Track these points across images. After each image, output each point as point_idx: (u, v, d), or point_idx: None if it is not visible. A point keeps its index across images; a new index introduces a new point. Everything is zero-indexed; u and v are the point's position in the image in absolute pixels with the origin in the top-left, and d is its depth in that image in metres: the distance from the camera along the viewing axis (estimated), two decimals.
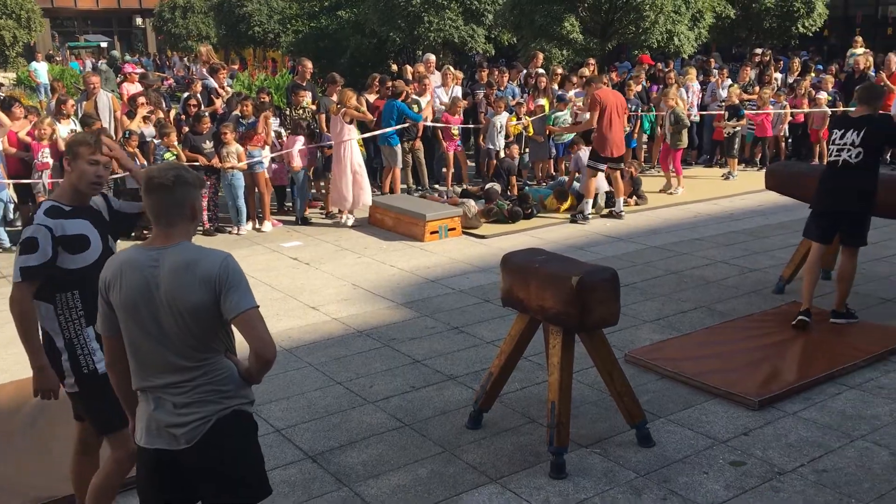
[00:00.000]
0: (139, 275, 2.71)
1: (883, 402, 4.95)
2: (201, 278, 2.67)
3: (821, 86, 13.83)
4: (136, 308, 2.72)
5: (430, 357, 5.84)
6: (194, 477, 2.82)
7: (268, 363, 2.73)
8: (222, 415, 2.77)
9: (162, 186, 2.73)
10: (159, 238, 2.77)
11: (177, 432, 2.74)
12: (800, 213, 9.25)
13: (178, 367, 2.74)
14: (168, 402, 2.76)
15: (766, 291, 7.07)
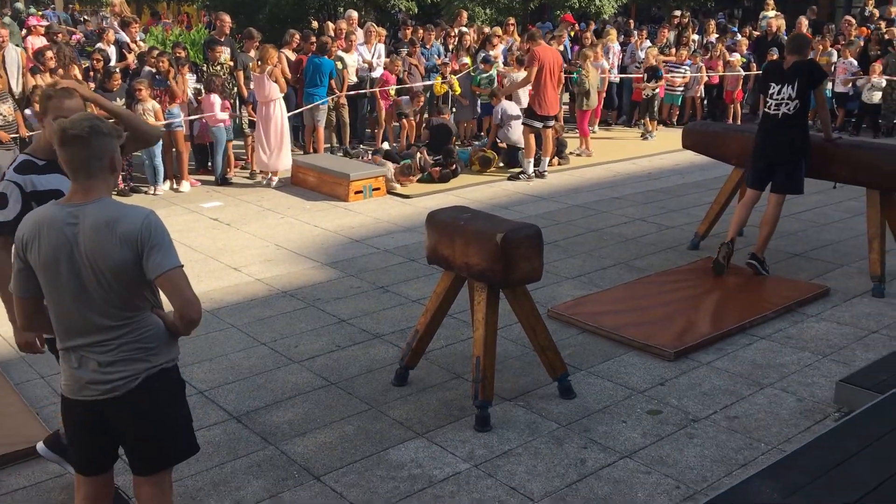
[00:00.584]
0: (58, 233, 2.61)
1: (791, 351, 5.19)
2: (122, 237, 2.59)
3: (735, 48, 14.20)
4: (56, 268, 2.63)
5: (355, 316, 5.84)
6: (119, 431, 2.79)
7: (192, 322, 2.69)
8: (150, 373, 2.73)
9: (77, 138, 2.61)
10: (78, 193, 2.66)
11: (100, 388, 2.70)
12: (715, 172, 9.57)
13: (102, 327, 2.67)
14: (92, 361, 2.70)
15: (681, 248, 7.29)
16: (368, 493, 3.74)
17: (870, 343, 5.28)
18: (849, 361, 5.01)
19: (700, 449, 4.08)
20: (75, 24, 25.85)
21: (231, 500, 3.70)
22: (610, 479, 3.84)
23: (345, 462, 3.99)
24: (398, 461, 4.00)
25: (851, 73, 12.97)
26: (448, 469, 3.93)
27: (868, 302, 5.98)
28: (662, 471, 3.89)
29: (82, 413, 2.78)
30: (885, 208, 6.21)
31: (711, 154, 7.46)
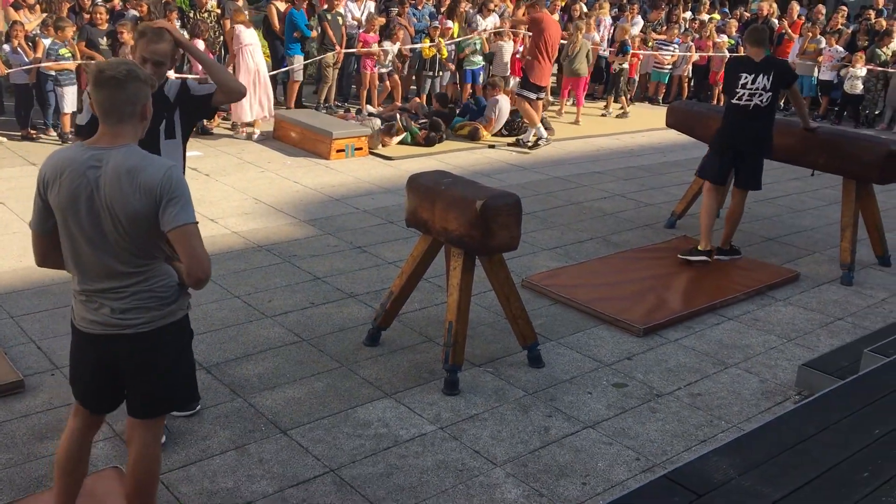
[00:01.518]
0: (80, 175, 2.60)
1: (757, 333, 5.29)
2: (143, 186, 2.57)
3: (724, 29, 14.20)
4: (75, 210, 2.62)
5: (330, 275, 5.85)
6: (126, 373, 2.79)
7: (199, 281, 2.67)
8: (162, 323, 2.74)
9: (113, 79, 2.59)
10: (106, 137, 2.65)
11: (112, 330, 2.71)
12: (695, 153, 9.60)
13: (118, 273, 2.67)
14: (106, 307, 2.70)
15: (658, 226, 7.35)
16: (334, 448, 3.79)
17: (835, 330, 5.39)
18: (813, 346, 5.11)
19: (662, 423, 4.16)
20: None
21: (197, 449, 3.72)
22: (572, 447, 3.91)
23: (312, 418, 4.02)
24: (365, 420, 4.05)
25: (837, 61, 13.02)
26: (414, 430, 3.98)
27: (836, 289, 6.09)
28: (624, 442, 3.97)
29: (93, 350, 2.79)
30: (860, 198, 6.29)
31: (693, 134, 7.50)
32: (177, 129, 3.69)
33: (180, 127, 3.72)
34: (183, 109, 3.71)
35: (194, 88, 3.76)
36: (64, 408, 3.97)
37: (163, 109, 3.61)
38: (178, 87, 3.72)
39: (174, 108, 3.68)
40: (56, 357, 4.44)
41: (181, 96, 3.71)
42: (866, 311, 5.70)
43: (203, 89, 3.75)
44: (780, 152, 6.68)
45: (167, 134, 3.65)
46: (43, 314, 4.96)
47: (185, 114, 3.73)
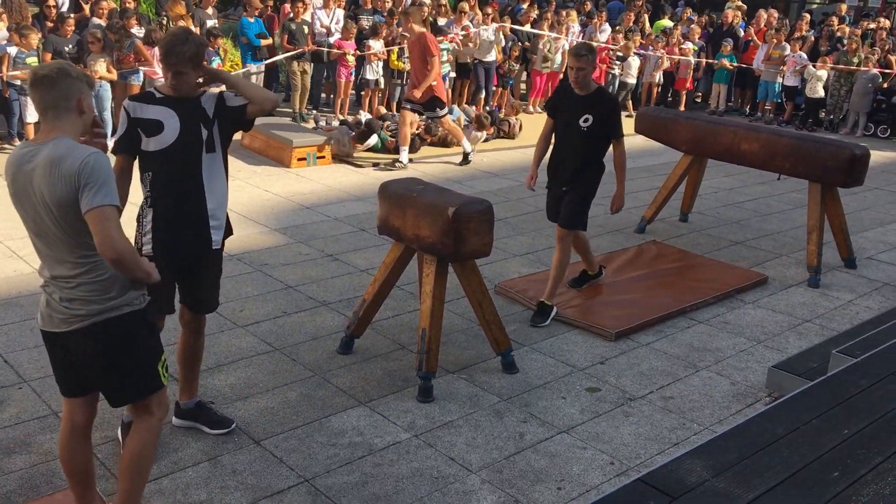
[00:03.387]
0: (19, 171, 2.74)
1: (727, 336, 5.35)
2: (64, 174, 2.67)
3: (688, 36, 14.38)
4: (22, 204, 2.78)
5: (302, 283, 5.82)
6: (81, 365, 2.90)
7: (112, 262, 2.72)
8: (108, 316, 2.81)
9: (46, 78, 2.73)
10: (43, 132, 2.79)
11: (60, 318, 2.82)
12: (665, 158, 9.71)
13: (63, 262, 2.79)
14: (57, 294, 2.82)
15: (628, 230, 7.42)
16: (308, 458, 3.76)
17: (803, 331, 5.46)
18: (782, 348, 5.18)
19: (635, 427, 4.19)
20: None
21: (169, 461, 3.68)
22: (547, 452, 3.92)
23: (286, 427, 4.00)
24: (339, 429, 4.03)
25: (800, 66, 13.24)
26: (389, 438, 3.97)
27: (803, 292, 6.18)
28: (598, 447, 3.99)
29: (51, 343, 2.93)
30: (826, 202, 6.40)
31: (662, 140, 7.58)
32: (216, 142, 3.62)
33: (219, 140, 3.64)
34: (221, 122, 3.64)
35: (229, 99, 3.68)
36: (32, 422, 3.91)
37: (202, 123, 3.58)
38: (214, 100, 3.65)
39: (213, 122, 3.61)
40: (23, 370, 4.37)
41: (219, 109, 3.64)
42: (833, 313, 5.79)
43: (237, 100, 3.69)
44: (746, 157, 6.79)
45: (207, 147, 3.59)
46: (10, 327, 4.87)
47: (224, 126, 3.66)
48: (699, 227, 7.68)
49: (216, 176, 3.65)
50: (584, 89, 5.20)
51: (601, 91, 5.38)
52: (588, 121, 5.17)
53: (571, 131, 5.24)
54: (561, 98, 5.46)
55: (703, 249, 6.99)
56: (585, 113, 5.17)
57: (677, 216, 7.80)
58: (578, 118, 5.19)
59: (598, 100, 5.24)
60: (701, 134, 7.08)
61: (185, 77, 3.53)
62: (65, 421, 3.08)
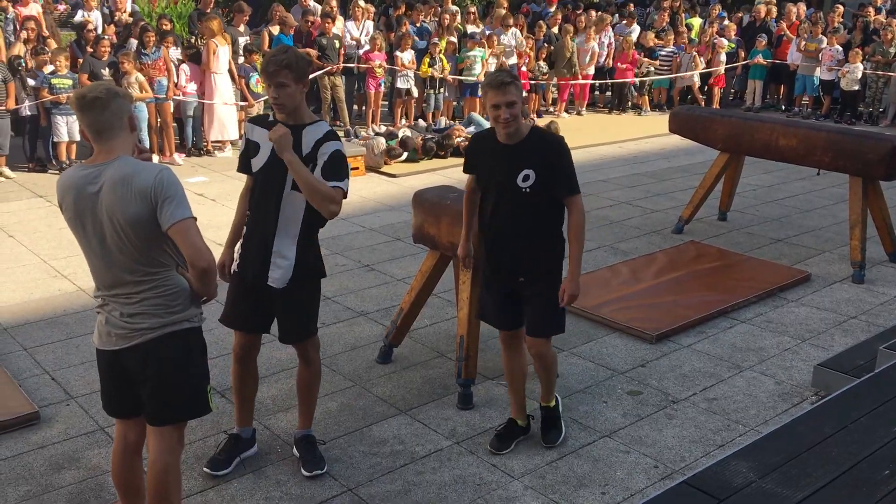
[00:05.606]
0: (80, 193, 2.76)
1: (770, 335, 5.26)
2: (137, 191, 2.71)
3: (724, 33, 14.23)
4: (82, 227, 2.80)
5: (340, 294, 5.85)
6: (136, 381, 2.92)
7: (203, 271, 2.78)
8: (169, 330, 2.85)
9: (97, 100, 2.76)
10: (101, 154, 2.81)
11: (120, 333, 2.85)
12: (700, 157, 9.63)
13: (126, 282, 2.82)
14: (117, 311, 2.85)
15: (665, 231, 7.34)
16: (350, 468, 3.77)
17: (848, 328, 5.36)
18: (827, 346, 5.08)
19: (679, 430, 4.14)
20: None
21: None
22: (590, 457, 3.89)
23: (327, 438, 4.01)
24: (381, 437, 4.04)
25: (836, 61, 13.02)
26: (430, 446, 3.97)
27: (848, 288, 6.06)
28: (641, 450, 3.95)
29: (107, 362, 2.95)
30: (867, 196, 6.27)
31: (698, 139, 7.49)
32: None
33: None
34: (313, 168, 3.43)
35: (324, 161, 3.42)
36: (80, 437, 3.98)
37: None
38: (314, 141, 3.44)
39: (306, 162, 3.41)
40: (70, 387, 4.45)
41: (313, 155, 3.43)
42: (879, 309, 5.67)
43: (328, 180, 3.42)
44: (784, 153, 6.69)
45: (293, 184, 3.42)
46: (56, 345, 4.97)
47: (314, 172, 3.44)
48: (739, 225, 7.58)
49: (293, 217, 3.48)
50: (516, 136, 3.61)
51: (539, 133, 3.72)
52: (529, 179, 3.58)
53: (509, 197, 3.63)
54: (482, 152, 3.76)
55: (744, 248, 6.89)
56: (524, 168, 3.60)
57: (716, 215, 7.70)
58: (515, 177, 3.60)
59: (539, 146, 3.63)
60: (737, 131, 6.99)
61: (287, 90, 3.35)
62: (117, 441, 3.12)
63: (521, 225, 3.67)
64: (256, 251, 3.56)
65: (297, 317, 3.68)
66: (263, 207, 3.53)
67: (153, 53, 9.51)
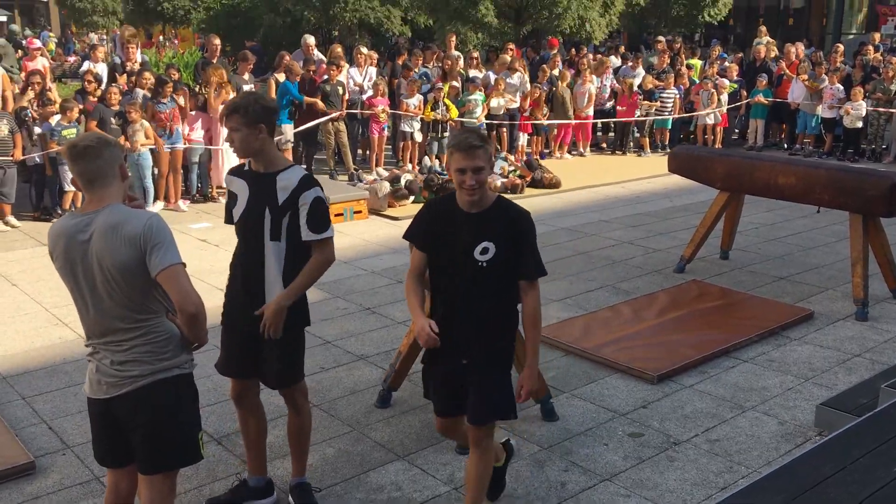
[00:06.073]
0: (71, 242, 2.78)
1: (773, 374, 5.21)
2: (127, 237, 2.74)
3: (726, 74, 14.35)
4: (73, 275, 2.81)
5: (340, 338, 5.84)
6: (127, 429, 2.91)
7: (192, 316, 2.79)
8: (159, 377, 2.85)
9: (89, 149, 2.79)
10: (92, 202, 2.84)
11: (111, 381, 2.84)
12: (702, 196, 9.63)
13: (116, 329, 2.83)
14: (108, 359, 2.85)
15: (667, 271, 7.32)
16: None
17: (852, 367, 5.30)
18: (831, 385, 5.02)
19: (680, 472, 4.08)
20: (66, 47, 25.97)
21: None
22: (590, 501, 3.83)
23: (324, 484, 3.97)
24: (378, 484, 3.99)
25: (837, 100, 13.09)
26: (428, 492, 3.92)
27: (851, 325, 6.01)
28: (642, 494, 3.89)
29: (99, 411, 2.94)
30: (868, 232, 6.25)
31: (698, 178, 7.51)
32: (282, 232, 3.43)
33: (286, 232, 3.43)
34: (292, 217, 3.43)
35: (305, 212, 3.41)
36: (75, 487, 3.95)
37: (268, 207, 3.40)
38: (290, 189, 3.41)
39: (282, 210, 3.40)
40: (67, 436, 4.43)
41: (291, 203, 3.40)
42: (883, 346, 5.62)
43: (309, 232, 3.44)
44: (784, 192, 6.69)
45: (272, 234, 3.42)
46: (55, 393, 4.96)
47: (294, 223, 3.44)
48: (741, 264, 7.55)
49: (274, 266, 3.45)
50: (479, 204, 3.27)
51: (505, 204, 3.36)
52: (488, 252, 3.24)
53: (463, 270, 3.29)
54: (439, 218, 3.38)
55: (746, 287, 6.86)
56: (483, 240, 3.25)
57: (718, 254, 7.69)
58: (472, 249, 3.25)
59: (502, 218, 3.30)
60: (736, 170, 7.01)
61: (238, 133, 3.35)
62: (109, 490, 3.11)
63: (474, 302, 3.29)
64: (243, 299, 3.58)
65: (283, 363, 3.63)
66: (246, 257, 3.55)
67: (169, 102, 9.66)
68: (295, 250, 3.47)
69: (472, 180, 3.18)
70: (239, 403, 3.79)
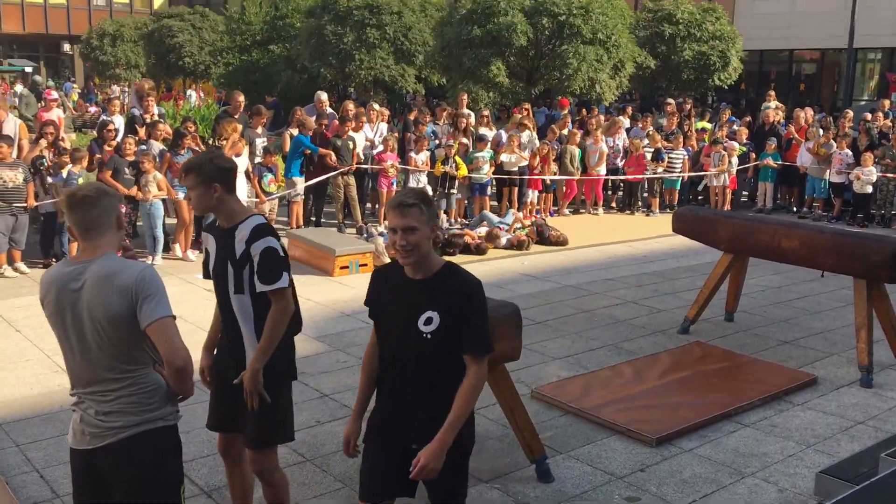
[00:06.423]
0: (62, 290, 2.79)
1: (774, 440, 5.13)
2: (119, 288, 2.74)
3: (735, 137, 14.46)
4: (62, 323, 2.82)
5: (338, 391, 5.81)
6: (107, 482, 2.87)
7: (179, 370, 2.78)
8: (143, 429, 2.83)
9: (86, 199, 2.81)
10: (87, 251, 2.85)
11: (94, 432, 2.82)
12: (709, 257, 9.61)
13: (103, 379, 2.82)
14: (92, 409, 2.84)
15: (671, 331, 7.27)
16: None
17: (855, 434, 5.22)
18: (833, 452, 4.94)
19: None
20: (88, 98, 26.51)
21: None
22: None
23: None
24: None
25: (846, 165, 13.14)
26: None
27: (855, 392, 5.93)
28: None
29: (81, 462, 2.91)
30: (872, 298, 6.21)
31: (701, 239, 7.51)
32: (244, 285, 3.43)
33: (248, 285, 3.42)
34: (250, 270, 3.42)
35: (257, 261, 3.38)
36: None
37: (229, 260, 3.42)
38: (244, 242, 3.39)
39: (241, 263, 3.40)
40: (58, 485, 4.40)
41: (247, 256, 3.39)
42: (888, 414, 5.53)
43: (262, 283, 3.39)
44: (787, 255, 6.68)
45: (235, 287, 3.43)
46: (48, 441, 4.95)
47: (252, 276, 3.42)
48: (745, 326, 7.50)
49: (244, 319, 3.47)
50: (422, 269, 3.03)
51: (453, 270, 3.07)
52: (432, 322, 2.97)
53: (408, 343, 3.01)
54: (384, 285, 3.17)
55: (750, 350, 6.80)
56: (426, 309, 2.98)
57: (723, 316, 7.65)
58: (416, 318, 2.99)
59: (448, 285, 3.01)
60: (740, 232, 7.01)
61: (194, 192, 3.41)
62: None
63: (421, 379, 3.01)
64: (223, 353, 3.62)
65: (259, 419, 3.51)
66: (222, 312, 3.59)
67: (186, 153, 9.82)
68: (261, 302, 3.44)
69: (404, 240, 2.93)
70: (225, 457, 3.77)
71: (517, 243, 10.63)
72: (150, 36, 28.50)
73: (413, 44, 18.68)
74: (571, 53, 14.70)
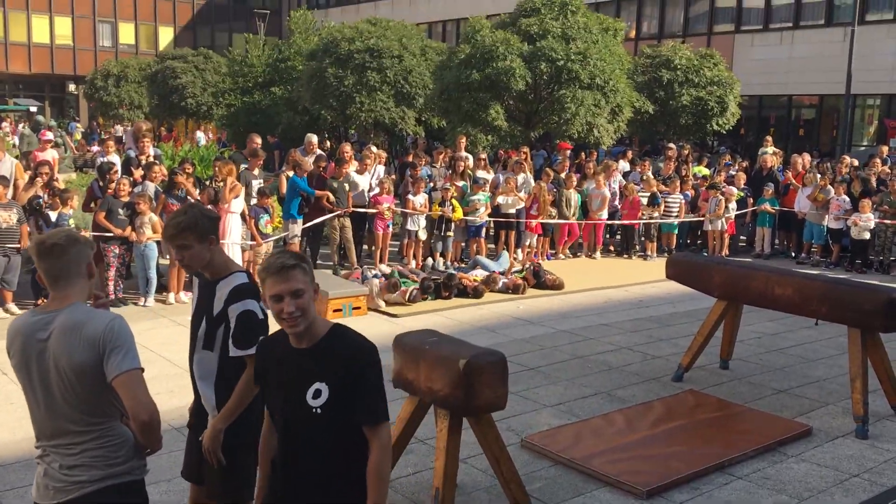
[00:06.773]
0: (28, 340, 2.73)
1: (767, 493, 5.02)
2: (86, 338, 2.68)
3: (734, 182, 14.49)
4: (27, 373, 2.75)
5: None
6: None
7: (144, 424, 2.69)
8: (108, 483, 2.75)
9: (56, 247, 2.75)
10: (55, 301, 2.79)
11: (58, 486, 2.74)
12: (706, 303, 9.52)
13: (68, 431, 2.75)
14: (56, 462, 2.76)
15: (665, 379, 7.18)
16: None
17: (850, 487, 5.11)
18: None
19: None
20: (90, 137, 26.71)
21: None
22: None
23: None
24: None
25: (844, 210, 13.13)
26: None
27: (851, 443, 5.83)
28: None
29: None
30: (866, 347, 6.14)
31: (695, 285, 7.47)
32: (215, 343, 3.34)
33: (220, 343, 3.34)
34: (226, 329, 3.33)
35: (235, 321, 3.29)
36: None
37: (205, 315, 3.34)
38: (224, 299, 3.31)
39: (217, 321, 3.31)
40: None
41: (224, 315, 3.30)
42: (883, 467, 5.43)
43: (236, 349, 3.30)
44: (779, 303, 6.63)
45: (204, 342, 3.36)
46: (27, 488, 4.83)
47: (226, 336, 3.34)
48: (740, 374, 7.41)
49: (207, 377, 3.37)
50: (307, 336, 2.78)
51: (341, 334, 2.84)
52: (321, 395, 2.71)
53: (298, 419, 2.75)
54: (268, 357, 2.91)
55: (745, 398, 6.71)
56: (314, 381, 2.73)
57: (717, 363, 7.56)
58: (304, 392, 2.72)
59: (336, 351, 2.77)
60: (733, 279, 6.96)
61: (190, 251, 3.28)
62: None
63: (314, 459, 2.74)
64: (198, 406, 3.56)
65: (220, 477, 3.40)
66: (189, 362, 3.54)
67: (181, 194, 9.83)
68: (231, 364, 3.32)
69: (292, 306, 2.69)
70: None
71: (513, 287, 10.58)
72: (153, 77, 28.84)
73: (413, 87, 18.85)
74: (569, 98, 14.80)
